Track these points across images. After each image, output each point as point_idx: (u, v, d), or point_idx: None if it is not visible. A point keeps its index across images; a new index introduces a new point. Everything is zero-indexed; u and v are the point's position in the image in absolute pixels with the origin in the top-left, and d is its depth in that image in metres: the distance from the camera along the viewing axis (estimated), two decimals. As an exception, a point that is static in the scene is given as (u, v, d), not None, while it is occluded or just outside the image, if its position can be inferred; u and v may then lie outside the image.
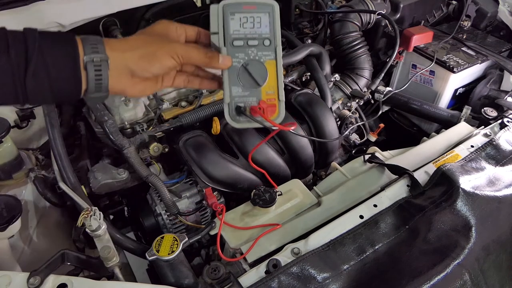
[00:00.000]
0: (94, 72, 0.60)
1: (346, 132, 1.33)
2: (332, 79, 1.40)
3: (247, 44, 0.72)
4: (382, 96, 1.43)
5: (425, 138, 1.21)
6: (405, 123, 1.61)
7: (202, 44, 0.75)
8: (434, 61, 1.44)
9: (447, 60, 1.44)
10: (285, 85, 1.32)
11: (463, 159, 1.01)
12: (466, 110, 1.30)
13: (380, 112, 1.38)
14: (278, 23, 0.73)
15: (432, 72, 1.49)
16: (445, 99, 1.51)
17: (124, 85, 0.65)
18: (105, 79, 0.61)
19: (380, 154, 1.11)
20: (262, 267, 0.79)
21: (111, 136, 1.02)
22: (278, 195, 0.93)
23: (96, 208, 0.77)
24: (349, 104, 1.39)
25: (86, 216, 0.74)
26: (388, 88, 1.48)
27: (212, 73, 0.79)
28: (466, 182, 0.90)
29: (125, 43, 0.66)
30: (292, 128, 0.78)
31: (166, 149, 1.14)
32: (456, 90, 1.51)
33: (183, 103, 1.19)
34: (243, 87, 0.73)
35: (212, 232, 0.90)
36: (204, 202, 1.05)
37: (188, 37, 0.73)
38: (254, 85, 0.73)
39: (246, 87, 0.73)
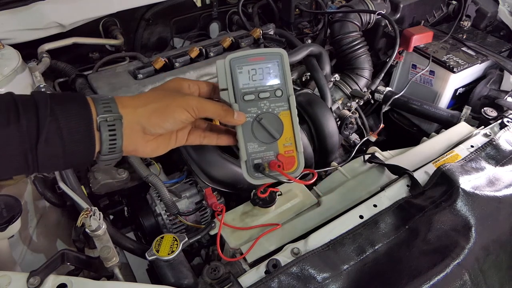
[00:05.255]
0: (108, 132, 0.57)
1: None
2: (332, 79, 1.40)
3: (258, 97, 0.69)
4: (382, 96, 1.43)
5: (425, 138, 1.21)
6: (405, 123, 1.61)
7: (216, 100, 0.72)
8: (430, 61, 1.44)
9: (447, 60, 1.44)
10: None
11: (463, 159, 1.01)
12: (466, 110, 1.30)
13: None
14: (289, 71, 0.70)
15: (432, 72, 1.49)
16: (445, 99, 1.51)
17: (136, 144, 0.62)
18: (119, 139, 0.58)
19: (380, 154, 1.11)
20: (262, 267, 0.79)
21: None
22: (278, 195, 0.93)
23: (96, 208, 0.77)
24: (349, 104, 1.39)
25: (86, 216, 0.74)
26: (388, 88, 1.48)
27: (227, 128, 0.75)
28: (466, 182, 0.90)
29: (137, 100, 0.63)
30: (313, 180, 0.75)
31: (166, 149, 1.14)
32: (456, 90, 1.51)
33: (183, 103, 1.19)
34: (259, 142, 0.70)
35: (212, 232, 0.90)
36: (204, 202, 1.05)
37: (201, 93, 0.70)
38: (270, 139, 0.70)
39: (262, 142, 0.70)
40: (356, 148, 1.33)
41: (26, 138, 0.51)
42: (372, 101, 1.49)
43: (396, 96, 1.43)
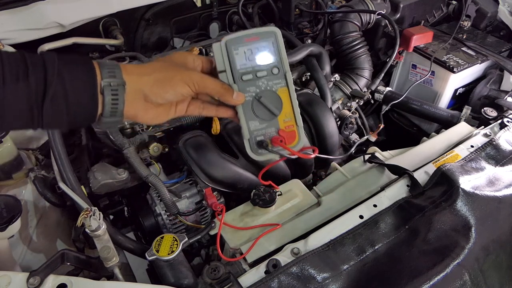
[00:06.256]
0: (110, 96, 0.60)
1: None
2: (332, 79, 1.40)
3: (256, 76, 0.71)
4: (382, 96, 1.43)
5: (425, 138, 1.21)
6: (405, 123, 1.61)
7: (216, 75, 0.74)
8: (431, 62, 1.44)
9: (447, 60, 1.44)
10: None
11: (463, 159, 1.01)
12: (466, 110, 1.30)
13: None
14: (283, 48, 0.71)
15: (432, 72, 1.49)
16: (445, 99, 1.51)
17: (137, 110, 0.64)
18: (121, 103, 0.61)
19: (380, 154, 1.11)
20: (262, 267, 0.79)
21: (111, 136, 1.02)
22: (278, 195, 0.93)
23: (96, 208, 0.77)
24: (349, 104, 1.39)
25: (86, 216, 0.74)
26: (388, 88, 1.48)
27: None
28: (466, 182, 0.90)
29: (142, 68, 0.65)
30: (315, 155, 0.77)
31: (166, 149, 1.14)
32: (456, 90, 1.51)
33: (183, 103, 1.19)
34: (260, 119, 0.72)
35: (212, 232, 0.90)
36: (204, 202, 1.05)
37: (204, 69, 0.72)
38: (271, 116, 0.72)
39: (262, 119, 0.72)
40: (356, 148, 1.32)
41: (33, 94, 0.54)
42: (372, 101, 1.49)
43: (395, 102, 1.42)
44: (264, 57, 0.71)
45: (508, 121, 1.14)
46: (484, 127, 1.15)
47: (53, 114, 0.56)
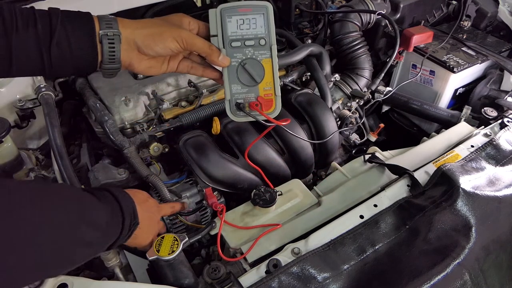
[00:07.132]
0: (108, 45, 0.68)
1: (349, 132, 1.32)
2: (332, 79, 1.40)
3: (244, 44, 0.76)
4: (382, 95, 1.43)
5: (425, 138, 1.21)
6: (405, 123, 1.61)
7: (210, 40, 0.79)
8: (424, 58, 1.44)
9: (447, 60, 1.44)
10: (285, 85, 1.32)
11: (463, 159, 1.01)
12: (466, 110, 1.30)
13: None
14: (273, 23, 0.77)
15: (432, 72, 1.49)
16: (445, 99, 1.51)
17: (131, 59, 0.72)
18: (117, 51, 0.69)
19: (380, 154, 1.11)
20: (263, 267, 0.79)
21: (111, 136, 1.02)
22: (278, 195, 0.93)
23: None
24: (349, 104, 1.39)
25: (86, 216, 0.74)
26: (388, 88, 1.48)
27: None
28: (466, 182, 0.91)
29: (137, 23, 0.72)
30: (285, 123, 0.83)
31: (166, 149, 1.14)
32: (456, 90, 1.51)
33: (183, 103, 1.19)
34: (242, 84, 0.78)
35: (212, 232, 0.90)
36: (204, 202, 1.05)
37: (200, 33, 0.78)
38: (252, 83, 0.78)
39: (244, 84, 0.78)
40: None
41: (42, 40, 0.63)
42: (372, 101, 1.49)
43: (380, 98, 1.42)
44: (254, 28, 0.76)
45: (508, 121, 1.14)
46: (484, 127, 1.15)
47: (59, 58, 0.65)
